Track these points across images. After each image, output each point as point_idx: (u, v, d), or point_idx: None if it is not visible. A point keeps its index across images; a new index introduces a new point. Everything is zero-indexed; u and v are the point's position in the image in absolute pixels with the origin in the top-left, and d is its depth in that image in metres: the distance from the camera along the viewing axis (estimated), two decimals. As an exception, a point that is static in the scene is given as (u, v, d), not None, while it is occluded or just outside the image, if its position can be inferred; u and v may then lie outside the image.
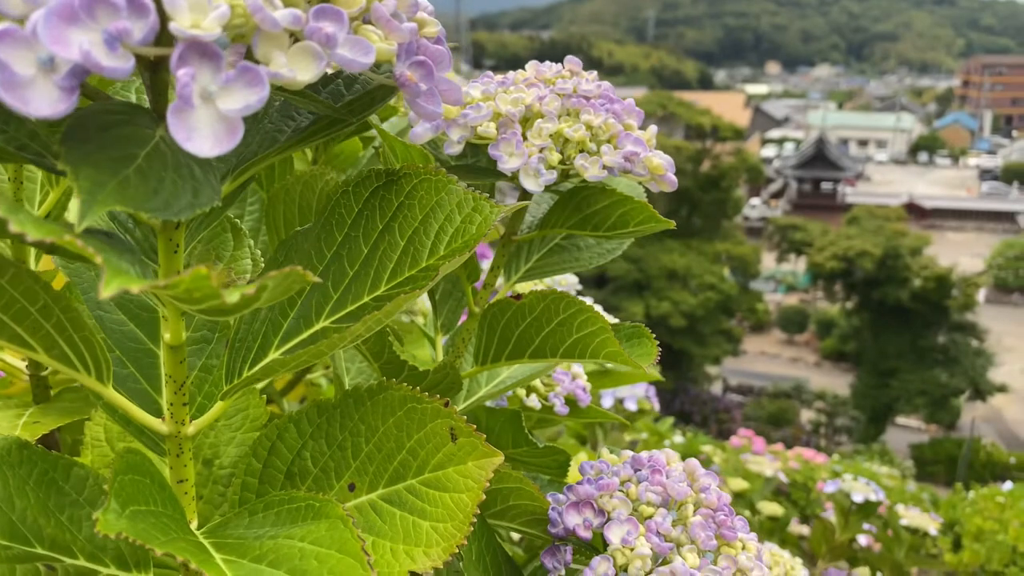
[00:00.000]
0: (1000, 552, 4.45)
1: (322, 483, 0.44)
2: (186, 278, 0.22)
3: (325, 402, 0.45)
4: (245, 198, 0.68)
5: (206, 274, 0.22)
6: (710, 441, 5.88)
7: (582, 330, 0.47)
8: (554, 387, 0.74)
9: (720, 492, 0.52)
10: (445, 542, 0.41)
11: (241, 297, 0.23)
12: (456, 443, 0.43)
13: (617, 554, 0.46)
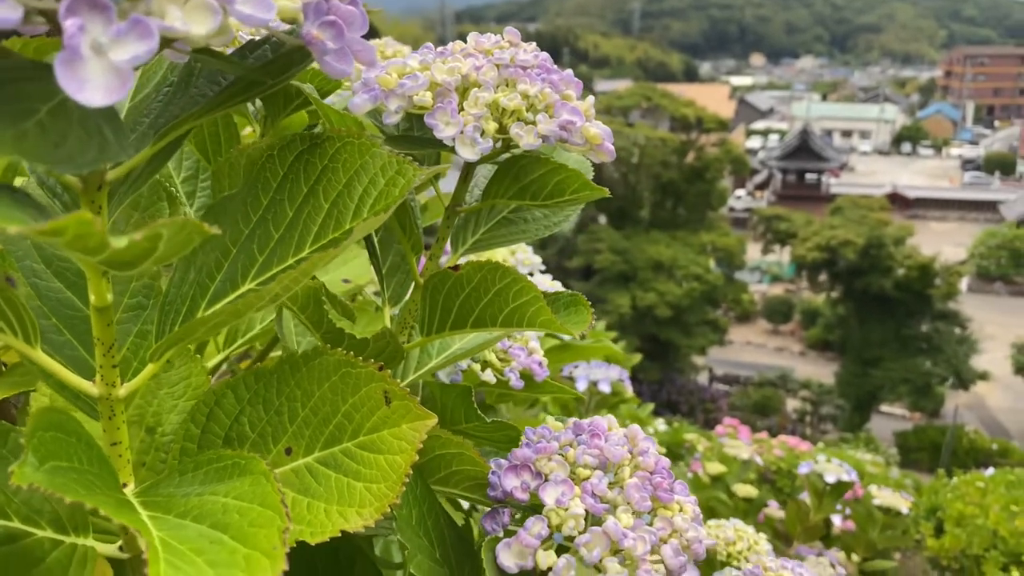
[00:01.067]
0: (980, 536, 4.51)
1: (260, 447, 0.45)
2: (70, 222, 0.22)
3: (263, 368, 0.46)
4: (197, 174, 0.69)
5: (89, 219, 0.22)
6: (694, 430, 5.92)
7: (518, 299, 0.48)
8: (510, 362, 0.75)
9: (659, 456, 0.53)
10: (378, 502, 0.42)
11: (130, 243, 0.23)
12: (390, 406, 0.44)
13: (552, 514, 0.47)
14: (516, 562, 0.46)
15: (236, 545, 0.33)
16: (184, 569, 0.32)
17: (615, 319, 17.12)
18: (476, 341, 0.61)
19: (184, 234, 0.25)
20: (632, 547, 0.46)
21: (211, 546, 0.33)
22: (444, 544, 0.51)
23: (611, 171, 19.76)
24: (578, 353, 0.97)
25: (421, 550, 0.47)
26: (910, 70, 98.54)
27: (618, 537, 0.46)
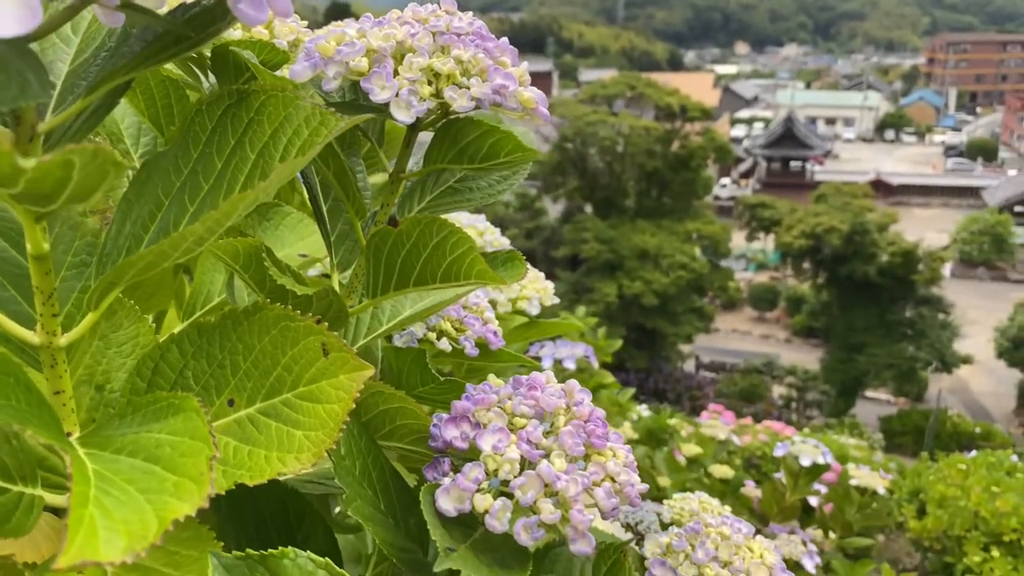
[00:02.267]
0: (962, 517, 4.57)
1: (204, 400, 0.47)
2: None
3: (205, 323, 0.47)
4: (155, 150, 0.70)
5: (-4, 140, 0.24)
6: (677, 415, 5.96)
7: (455, 252, 0.50)
8: (465, 331, 0.77)
9: (593, 407, 0.55)
10: (315, 448, 0.44)
11: (39, 165, 0.25)
12: (328, 358, 0.46)
13: (488, 460, 0.49)
14: (455, 506, 0.48)
15: (166, 474, 0.35)
16: (115, 495, 0.33)
17: (602, 308, 17.16)
18: (425, 304, 0.63)
19: (97, 163, 0.27)
20: (565, 488, 0.48)
21: (143, 476, 0.35)
22: (389, 496, 0.53)
23: (596, 161, 19.80)
24: (544, 330, 0.99)
25: (363, 498, 0.49)
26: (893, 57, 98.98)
27: (551, 479, 0.48)
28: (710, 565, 0.71)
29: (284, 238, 0.77)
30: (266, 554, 0.42)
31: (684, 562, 0.72)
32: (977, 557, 4.20)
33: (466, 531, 0.50)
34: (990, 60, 66.25)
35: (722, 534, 0.75)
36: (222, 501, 0.51)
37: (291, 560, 0.43)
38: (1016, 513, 4.27)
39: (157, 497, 0.34)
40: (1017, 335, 18.50)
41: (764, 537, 1.80)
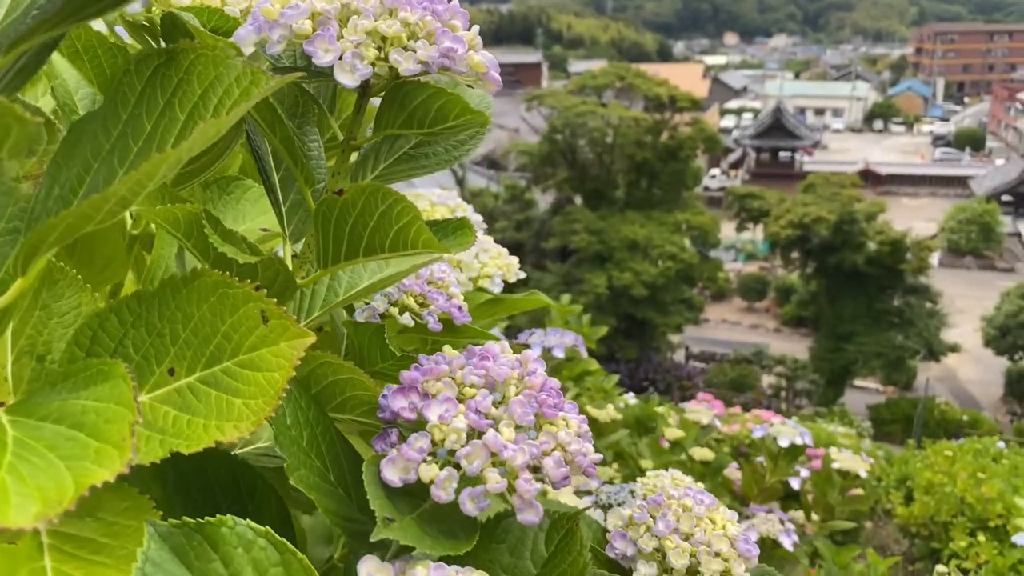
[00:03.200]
0: (948, 503, 4.61)
1: (143, 369, 0.46)
2: None
3: (144, 292, 0.46)
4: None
5: None
6: (665, 403, 5.98)
7: (400, 220, 0.49)
8: (428, 305, 0.76)
9: (548, 377, 0.54)
10: (255, 415, 0.43)
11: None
12: (268, 325, 0.45)
13: (434, 430, 0.48)
14: (400, 476, 0.48)
15: (89, 440, 0.34)
16: (33, 461, 0.33)
17: (592, 299, 17.17)
18: (382, 275, 0.63)
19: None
20: (511, 458, 0.47)
21: (65, 442, 0.34)
22: (340, 468, 0.53)
23: (586, 152, 19.78)
24: (511, 306, 0.99)
25: (307, 467, 0.48)
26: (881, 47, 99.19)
27: (498, 448, 0.47)
28: (671, 537, 0.71)
29: (245, 212, 0.76)
30: (203, 522, 0.42)
31: (645, 534, 0.71)
32: (963, 542, 4.23)
33: (414, 502, 0.49)
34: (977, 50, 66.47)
35: (684, 506, 0.74)
36: (169, 474, 0.51)
37: (229, 528, 0.42)
38: (1001, 499, 4.30)
39: (77, 463, 0.33)
40: (1004, 323, 18.63)
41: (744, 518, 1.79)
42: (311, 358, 0.53)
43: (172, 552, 0.41)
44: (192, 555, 0.41)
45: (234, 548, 0.42)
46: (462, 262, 0.96)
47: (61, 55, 0.55)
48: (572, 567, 0.50)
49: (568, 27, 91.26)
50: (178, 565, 0.41)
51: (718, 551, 0.71)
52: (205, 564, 0.41)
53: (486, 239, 1.02)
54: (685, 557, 0.69)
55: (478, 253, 0.99)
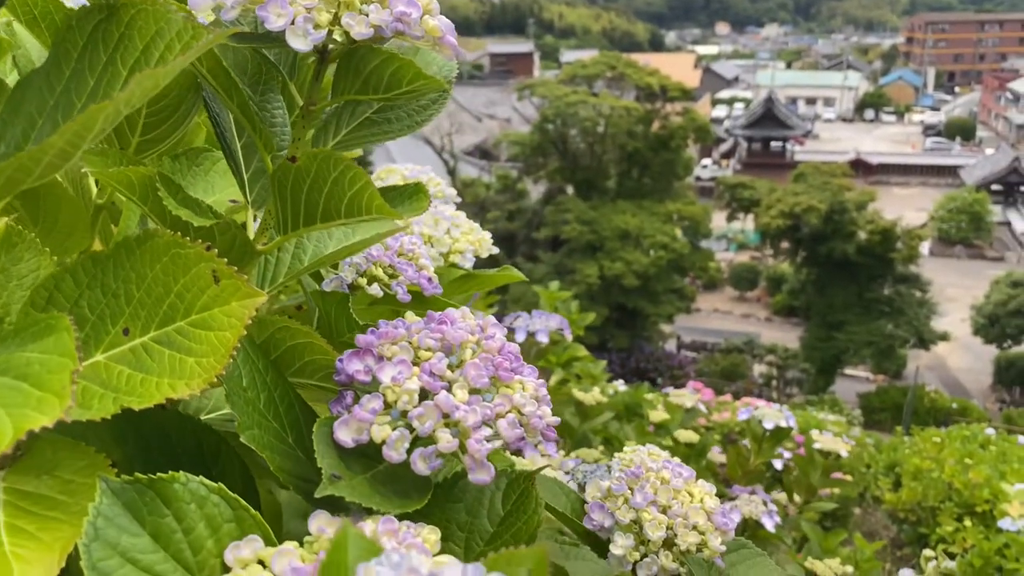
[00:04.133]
0: (936, 489, 4.64)
1: (99, 329, 0.46)
2: None
3: (99, 253, 0.47)
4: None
5: None
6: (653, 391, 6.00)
7: (353, 186, 0.49)
8: (397, 276, 0.76)
9: (506, 341, 0.55)
10: (206, 373, 0.44)
11: None
12: (219, 285, 0.45)
13: (387, 391, 0.49)
14: (353, 437, 0.48)
15: (32, 390, 0.35)
16: (-27, 409, 0.33)
17: (583, 288, 17.19)
18: (346, 242, 0.63)
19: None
20: (463, 418, 0.48)
21: (9, 392, 0.35)
22: (299, 431, 0.53)
23: (577, 142, 19.76)
24: (484, 281, 0.99)
25: (261, 427, 0.49)
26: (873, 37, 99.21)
27: (449, 409, 0.48)
28: (648, 509, 0.71)
29: (214, 183, 0.76)
30: (155, 477, 0.42)
31: (623, 506, 0.72)
32: (950, 527, 4.27)
33: (368, 463, 0.50)
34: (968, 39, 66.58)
35: (662, 478, 0.75)
36: (129, 436, 0.51)
37: (182, 484, 0.43)
38: (988, 484, 4.34)
39: (18, 411, 0.33)
40: (993, 312, 18.74)
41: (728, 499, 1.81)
42: (269, 323, 0.54)
43: (124, 507, 0.41)
44: (145, 510, 0.42)
45: (187, 504, 0.42)
46: (433, 237, 0.96)
47: (20, 23, 0.55)
48: (527, 524, 0.51)
49: (560, 16, 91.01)
50: (130, 520, 0.41)
51: (695, 524, 0.72)
52: (158, 519, 0.42)
53: (458, 214, 1.02)
54: (662, 529, 0.70)
55: (450, 228, 0.99)
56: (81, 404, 0.42)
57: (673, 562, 0.69)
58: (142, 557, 0.40)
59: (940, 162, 38.29)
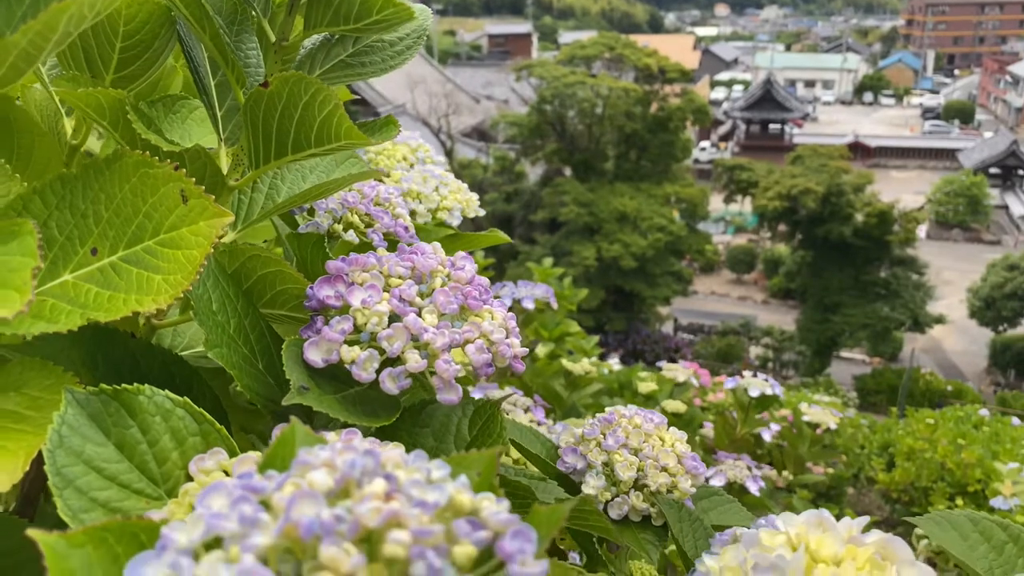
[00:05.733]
0: (929, 469, 4.68)
1: (67, 250, 0.47)
2: None
3: (67, 174, 0.47)
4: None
5: None
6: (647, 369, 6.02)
7: (323, 110, 0.50)
8: (374, 224, 0.77)
9: (477, 275, 0.55)
10: (172, 289, 0.44)
11: None
12: (187, 204, 0.46)
13: (357, 314, 0.49)
14: (322, 357, 0.49)
15: (-7, 288, 0.35)
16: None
17: (580, 271, 17.20)
18: (321, 178, 0.63)
19: None
20: (432, 340, 0.49)
21: (-29, 290, 0.35)
22: (269, 358, 0.54)
23: (575, 123, 19.69)
24: (471, 242, 0.99)
25: (233, 350, 0.49)
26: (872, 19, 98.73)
27: (418, 331, 0.48)
28: (619, 451, 0.72)
29: (191, 131, 0.76)
30: (120, 388, 0.43)
31: (594, 448, 0.73)
32: (942, 506, 4.30)
33: (339, 387, 0.50)
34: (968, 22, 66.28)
35: (633, 423, 0.76)
36: (99, 361, 0.52)
37: (147, 397, 0.43)
38: (981, 464, 4.37)
39: (-21, 305, 0.34)
40: (989, 295, 18.78)
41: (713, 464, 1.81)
42: (240, 252, 0.54)
43: (89, 418, 0.42)
44: (109, 421, 0.42)
45: (152, 416, 0.43)
46: (421, 194, 0.96)
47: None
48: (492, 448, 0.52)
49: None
50: (95, 430, 0.42)
51: (665, 465, 0.73)
52: (122, 430, 0.42)
53: (447, 174, 1.02)
54: (632, 470, 0.71)
55: (438, 186, 0.99)
56: (48, 319, 0.43)
57: (644, 502, 0.70)
58: (107, 466, 0.41)
59: (938, 145, 38.21)
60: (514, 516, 0.26)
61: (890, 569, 0.39)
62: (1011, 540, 0.54)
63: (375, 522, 0.23)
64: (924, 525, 0.58)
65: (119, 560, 0.28)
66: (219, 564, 0.23)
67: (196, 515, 0.25)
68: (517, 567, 0.24)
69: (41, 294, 0.44)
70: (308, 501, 0.24)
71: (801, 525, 0.42)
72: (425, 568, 0.23)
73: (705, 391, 4.34)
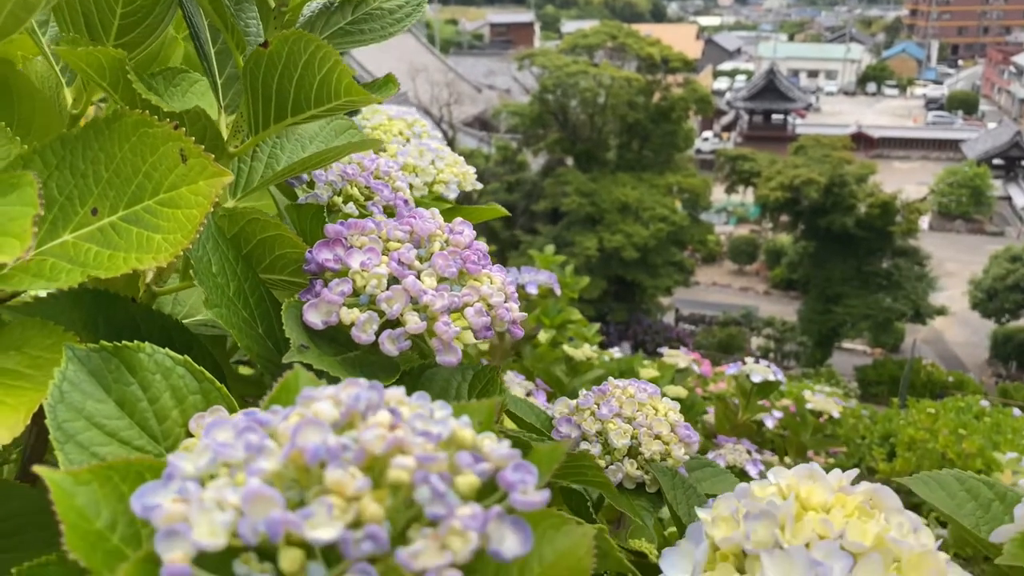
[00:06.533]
0: (930, 459, 4.68)
1: (67, 210, 0.47)
2: None
3: (67, 134, 0.47)
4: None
5: None
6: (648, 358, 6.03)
7: (323, 68, 0.50)
8: (373, 196, 0.77)
9: (476, 241, 0.55)
10: (172, 248, 0.45)
11: None
12: (187, 164, 0.46)
13: (356, 276, 0.50)
14: (322, 319, 0.49)
15: (-7, 235, 0.35)
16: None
17: (582, 261, 17.19)
18: (320, 148, 0.64)
19: None
20: (431, 302, 0.49)
21: (-28, 239, 0.36)
22: (269, 323, 0.54)
23: (577, 113, 19.64)
24: (468, 215, 0.99)
25: (232, 311, 0.49)
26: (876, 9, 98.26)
27: (417, 293, 0.49)
28: (614, 420, 0.73)
29: (191, 103, 0.76)
30: (120, 345, 0.43)
31: (589, 418, 0.73)
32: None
33: (338, 349, 0.50)
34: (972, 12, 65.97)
35: (627, 393, 0.76)
36: (100, 324, 0.52)
37: (148, 355, 0.43)
38: (981, 454, 4.38)
39: (-19, 251, 0.34)
40: (991, 286, 18.75)
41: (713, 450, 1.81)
42: (239, 215, 0.54)
43: (89, 374, 0.42)
44: (110, 378, 0.42)
45: (152, 374, 0.43)
46: (417, 167, 0.96)
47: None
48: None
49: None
50: (95, 386, 0.42)
51: (659, 433, 0.73)
52: (123, 387, 0.42)
53: (443, 148, 1.02)
54: (626, 437, 0.71)
55: (434, 160, 0.99)
56: (48, 278, 0.43)
57: (638, 470, 0.71)
58: (107, 422, 0.41)
59: (942, 136, 38.09)
60: (515, 451, 0.26)
61: (878, 516, 0.40)
62: (997, 498, 0.54)
63: (380, 448, 0.24)
64: (913, 484, 0.58)
65: (125, 498, 0.28)
66: (226, 488, 0.23)
67: (202, 445, 0.25)
68: (519, 495, 0.24)
69: (41, 254, 0.44)
70: (314, 428, 0.24)
71: (792, 477, 0.43)
72: (429, 492, 0.23)
73: (706, 381, 4.35)
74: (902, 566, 0.39)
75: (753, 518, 0.39)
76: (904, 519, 0.40)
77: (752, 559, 0.39)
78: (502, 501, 0.25)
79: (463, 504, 0.24)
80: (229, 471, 0.24)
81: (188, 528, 0.22)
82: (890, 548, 0.39)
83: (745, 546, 0.39)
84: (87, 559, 0.26)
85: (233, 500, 0.22)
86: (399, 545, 0.23)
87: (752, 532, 0.39)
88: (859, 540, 0.39)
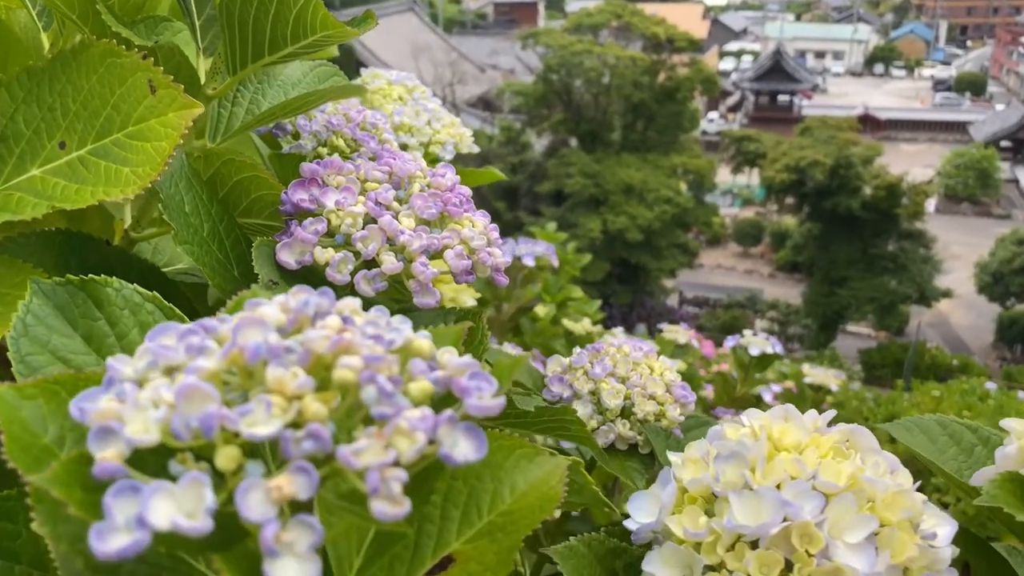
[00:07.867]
0: (932, 442, 4.68)
1: (35, 144, 0.46)
2: None
3: (34, 67, 0.46)
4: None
5: None
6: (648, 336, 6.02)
7: (298, 2, 0.48)
8: (358, 148, 0.75)
9: (459, 185, 0.54)
10: (141, 180, 0.43)
11: None
12: (156, 95, 0.45)
13: (331, 215, 0.48)
14: (296, 258, 0.48)
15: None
16: None
17: (586, 243, 17.14)
18: (304, 90, 0.62)
19: None
20: (408, 242, 0.47)
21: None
22: (246, 266, 0.53)
23: (581, 93, 19.52)
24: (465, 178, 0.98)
25: (202, 248, 0.48)
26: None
27: (393, 232, 0.47)
28: (606, 379, 0.71)
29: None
30: (87, 279, 0.42)
31: (581, 377, 0.72)
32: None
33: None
34: (982, -8, 65.26)
35: (622, 352, 0.75)
36: (73, 264, 0.51)
37: (115, 290, 0.42)
38: (985, 436, 4.37)
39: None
40: (998, 270, 18.68)
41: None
42: (214, 156, 0.53)
43: (55, 308, 0.41)
44: (76, 312, 0.41)
45: (120, 309, 0.42)
46: (413, 127, 0.95)
47: None
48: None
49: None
50: (61, 321, 0.41)
51: (653, 394, 0.72)
52: (90, 322, 0.41)
53: (440, 108, 1.01)
54: (619, 397, 0.70)
55: (430, 120, 0.97)
56: (14, 211, 0.42)
57: (630, 431, 0.69)
58: (73, 357, 0.40)
59: (949, 118, 37.81)
60: (473, 360, 0.25)
61: (854, 457, 0.39)
62: (980, 442, 0.53)
63: (325, 348, 0.23)
64: (893, 430, 0.57)
65: (73, 414, 0.27)
66: (162, 387, 0.22)
67: (143, 348, 0.24)
68: (474, 400, 0.23)
69: (8, 188, 0.43)
70: (256, 327, 0.23)
71: (765, 418, 0.42)
72: (376, 391, 0.22)
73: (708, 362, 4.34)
74: (876, 506, 0.38)
75: (723, 459, 0.38)
76: (880, 459, 0.39)
77: (721, 501, 0.38)
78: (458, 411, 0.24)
79: (413, 408, 0.22)
80: (170, 375, 0.23)
81: (121, 426, 0.21)
82: (864, 488, 0.38)
83: (714, 488, 0.38)
84: (28, 471, 0.25)
85: (168, 397, 0.21)
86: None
87: (722, 473, 0.38)
88: (832, 480, 0.38)
